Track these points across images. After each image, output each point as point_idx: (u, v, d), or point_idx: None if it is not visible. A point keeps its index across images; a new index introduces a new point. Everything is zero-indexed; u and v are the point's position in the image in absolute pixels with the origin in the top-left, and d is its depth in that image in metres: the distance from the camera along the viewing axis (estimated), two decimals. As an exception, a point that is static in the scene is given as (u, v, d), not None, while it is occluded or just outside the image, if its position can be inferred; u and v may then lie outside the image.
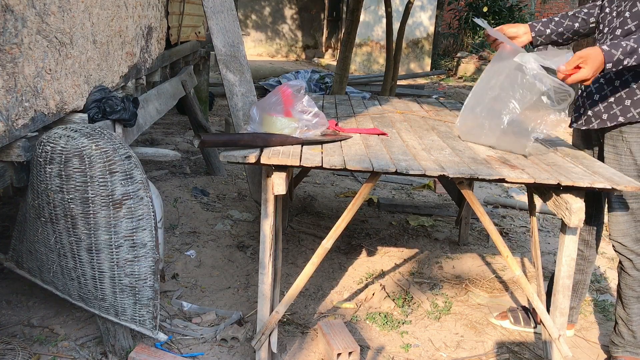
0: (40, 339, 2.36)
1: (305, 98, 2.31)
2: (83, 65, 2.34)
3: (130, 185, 2.03)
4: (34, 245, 2.21)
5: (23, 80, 1.86)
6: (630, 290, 2.30)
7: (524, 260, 3.53)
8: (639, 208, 2.21)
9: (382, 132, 2.54)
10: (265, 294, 2.22)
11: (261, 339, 2.24)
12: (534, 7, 14.90)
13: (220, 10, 3.20)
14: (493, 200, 4.62)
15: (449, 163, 2.11)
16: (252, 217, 3.86)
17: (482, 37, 12.97)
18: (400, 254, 3.49)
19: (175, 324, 2.56)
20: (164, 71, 3.88)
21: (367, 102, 3.50)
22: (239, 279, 3.05)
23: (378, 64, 12.20)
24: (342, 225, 2.18)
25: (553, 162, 2.21)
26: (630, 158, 2.17)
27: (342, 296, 2.95)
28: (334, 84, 7.00)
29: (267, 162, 2.02)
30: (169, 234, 3.48)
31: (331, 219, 3.95)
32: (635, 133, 2.15)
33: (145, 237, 2.08)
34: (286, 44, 15.05)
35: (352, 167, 2.01)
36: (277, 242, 2.50)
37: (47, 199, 2.03)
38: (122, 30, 2.80)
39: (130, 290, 2.12)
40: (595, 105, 2.22)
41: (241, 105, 3.20)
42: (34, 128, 1.98)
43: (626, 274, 2.30)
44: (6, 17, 1.74)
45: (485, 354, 2.51)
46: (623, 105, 2.14)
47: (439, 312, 2.81)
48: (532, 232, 2.54)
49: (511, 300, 3.01)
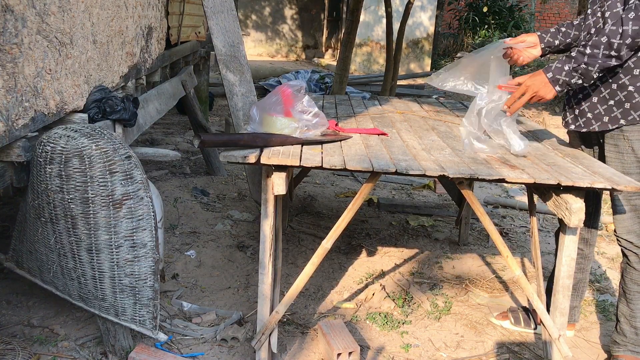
0: (40, 339, 2.36)
1: (305, 98, 2.31)
2: (83, 65, 2.34)
3: (130, 185, 2.03)
4: (34, 245, 2.21)
5: (23, 80, 1.86)
6: (635, 285, 2.29)
7: (524, 260, 3.53)
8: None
9: (382, 132, 2.54)
10: (265, 294, 2.22)
11: (261, 339, 2.24)
12: (534, 7, 14.89)
13: (220, 10, 3.20)
14: (493, 200, 4.62)
15: (449, 163, 2.11)
16: (252, 217, 3.86)
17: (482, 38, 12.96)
18: (400, 254, 3.49)
19: (175, 324, 2.56)
20: (164, 71, 3.88)
21: (367, 102, 3.50)
22: (239, 279, 3.05)
23: (378, 64, 12.19)
24: (342, 225, 2.18)
25: (553, 162, 2.21)
26: (633, 156, 2.17)
27: (342, 296, 2.95)
28: (334, 84, 7.00)
29: (267, 162, 2.02)
30: (169, 234, 3.48)
31: (331, 219, 3.96)
32: (636, 131, 2.16)
33: (145, 237, 2.08)
34: (286, 44, 15.05)
35: (352, 167, 2.00)
36: (277, 242, 2.50)
37: (47, 199, 2.03)
38: (122, 30, 2.80)
39: (130, 290, 2.12)
40: (595, 107, 2.22)
41: (241, 105, 3.20)
42: (34, 128, 1.98)
43: (632, 269, 2.29)
44: (6, 17, 1.74)
45: (485, 354, 2.51)
46: (623, 108, 2.15)
47: (439, 312, 2.81)
48: (532, 232, 2.54)
49: (511, 300, 3.01)
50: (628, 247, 2.28)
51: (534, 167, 2.12)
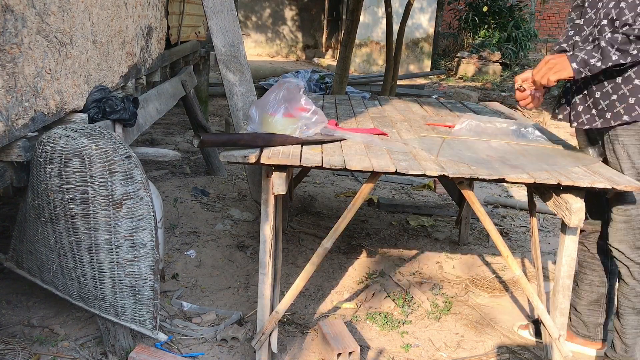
0: (40, 339, 2.36)
1: (303, 97, 2.32)
2: (83, 65, 2.34)
3: (130, 185, 2.03)
4: (34, 245, 2.21)
5: (23, 80, 1.86)
6: (626, 299, 2.25)
7: (524, 260, 3.52)
8: (637, 215, 2.17)
9: (382, 132, 2.54)
10: (265, 294, 2.22)
11: (261, 339, 2.24)
12: (534, 7, 14.89)
13: (220, 10, 3.20)
14: (493, 200, 4.62)
15: (449, 163, 2.11)
16: (252, 217, 3.86)
17: (482, 37, 12.96)
18: (400, 254, 3.49)
19: (175, 324, 2.55)
20: (164, 71, 3.88)
21: (367, 102, 3.50)
22: (239, 279, 3.05)
23: (378, 65, 12.19)
24: (342, 225, 2.18)
25: (553, 162, 2.21)
26: (629, 162, 2.14)
27: (342, 296, 2.95)
28: (334, 84, 7.00)
29: (267, 162, 2.02)
30: (169, 234, 3.48)
31: (331, 219, 3.95)
32: (632, 135, 2.11)
33: (145, 237, 2.08)
34: (286, 44, 15.05)
35: (352, 167, 2.00)
36: (277, 242, 2.50)
37: (47, 199, 2.03)
38: (122, 30, 2.80)
39: (130, 290, 2.12)
40: (598, 103, 2.16)
41: (241, 105, 3.20)
42: (34, 128, 1.98)
43: (623, 282, 2.25)
44: (6, 17, 1.74)
45: (485, 354, 2.51)
46: (627, 103, 2.08)
47: (439, 312, 2.81)
48: (532, 232, 2.53)
49: (511, 300, 3.01)
50: (619, 258, 2.23)
51: (534, 167, 2.12)
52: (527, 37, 13.00)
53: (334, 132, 2.43)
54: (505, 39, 12.82)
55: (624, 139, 2.13)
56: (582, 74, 2.05)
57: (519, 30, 12.93)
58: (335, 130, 2.45)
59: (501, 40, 12.76)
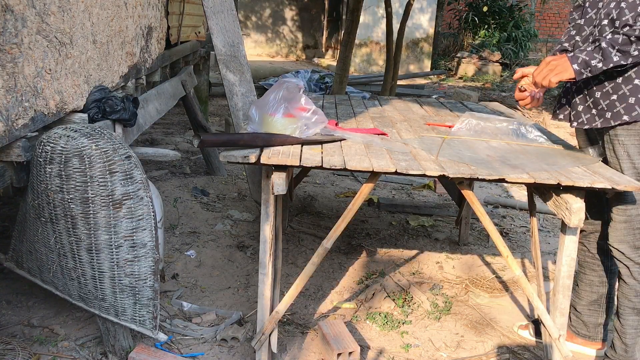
0: (40, 339, 2.36)
1: (303, 97, 2.32)
2: (83, 65, 2.34)
3: (130, 185, 2.03)
4: (34, 245, 2.21)
5: (23, 80, 1.86)
6: (626, 299, 2.25)
7: (524, 260, 3.52)
8: (637, 215, 2.17)
9: (382, 132, 2.54)
10: (265, 294, 2.22)
11: (261, 339, 2.24)
12: (534, 7, 14.89)
13: (220, 10, 3.20)
14: (493, 200, 4.62)
15: (449, 163, 2.11)
16: (252, 217, 3.86)
17: (482, 37, 12.96)
18: (400, 254, 3.49)
19: (175, 324, 2.55)
20: (164, 71, 3.88)
21: (367, 102, 3.50)
22: (239, 279, 3.05)
23: (378, 66, 12.19)
24: (342, 225, 2.18)
25: (553, 162, 2.21)
26: (629, 162, 2.13)
27: (342, 296, 2.95)
28: (334, 84, 7.00)
29: (267, 162, 2.02)
30: (169, 234, 3.48)
31: (331, 219, 3.95)
32: (632, 135, 2.11)
33: (145, 237, 2.08)
34: (286, 44, 15.05)
35: (352, 167, 2.00)
36: (277, 242, 2.50)
37: (47, 199, 2.03)
38: (122, 30, 2.80)
39: (130, 290, 2.12)
40: (598, 103, 2.15)
41: (241, 105, 3.20)
42: (34, 128, 1.98)
43: (623, 282, 2.25)
44: (6, 17, 1.74)
45: (485, 354, 2.51)
46: (627, 103, 2.08)
47: (439, 312, 2.81)
48: (532, 232, 2.53)
49: (511, 300, 3.01)
50: (619, 258, 2.22)
51: (534, 167, 2.12)
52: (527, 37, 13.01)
53: (334, 132, 2.43)
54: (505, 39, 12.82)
55: (624, 138, 2.12)
56: (583, 75, 2.05)
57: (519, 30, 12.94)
58: (335, 130, 2.45)
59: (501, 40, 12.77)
